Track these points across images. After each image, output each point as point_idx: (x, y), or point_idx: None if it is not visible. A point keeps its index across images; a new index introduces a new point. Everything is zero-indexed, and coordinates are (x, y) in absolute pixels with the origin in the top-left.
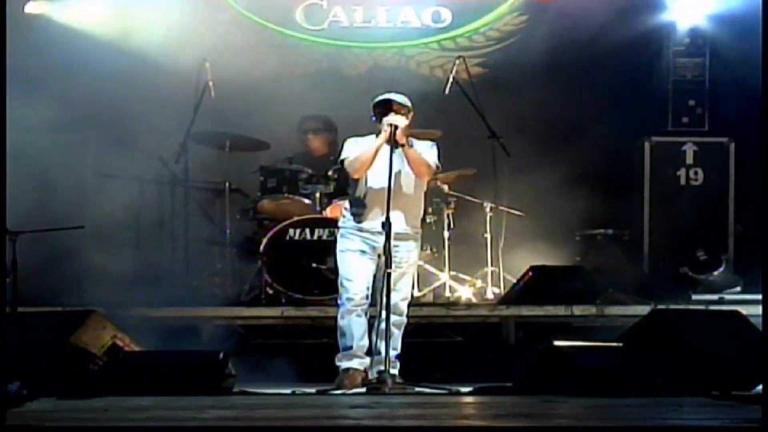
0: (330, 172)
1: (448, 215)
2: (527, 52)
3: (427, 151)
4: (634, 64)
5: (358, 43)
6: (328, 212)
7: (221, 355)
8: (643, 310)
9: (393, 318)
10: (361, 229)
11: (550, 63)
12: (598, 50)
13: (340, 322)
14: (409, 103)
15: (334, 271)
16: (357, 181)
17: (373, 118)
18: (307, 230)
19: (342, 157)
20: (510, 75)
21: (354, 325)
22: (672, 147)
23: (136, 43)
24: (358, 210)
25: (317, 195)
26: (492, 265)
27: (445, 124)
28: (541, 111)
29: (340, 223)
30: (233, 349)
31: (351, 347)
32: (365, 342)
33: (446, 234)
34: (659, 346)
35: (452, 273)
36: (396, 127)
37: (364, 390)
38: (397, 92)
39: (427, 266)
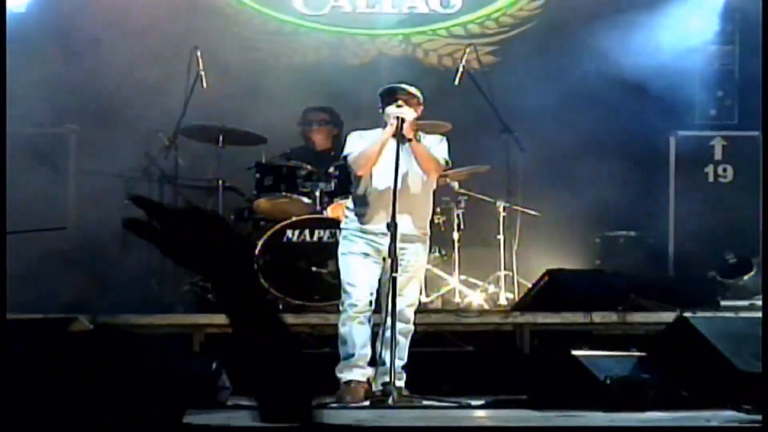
0: (331, 169)
1: (458, 215)
2: (543, 40)
3: (436, 146)
4: (659, 53)
5: (361, 30)
6: (330, 212)
7: (214, 366)
8: (668, 317)
9: (399, 326)
10: (364, 231)
11: (568, 51)
12: (620, 39)
13: (341, 329)
14: (419, 95)
15: (336, 275)
16: (361, 178)
17: (380, 110)
18: (307, 231)
19: (345, 152)
20: (525, 64)
21: (356, 332)
22: (699, 142)
23: (120, 30)
24: (362, 210)
25: (317, 193)
26: (505, 268)
27: (455, 117)
28: (558, 103)
29: (342, 224)
30: (227, 359)
31: (352, 355)
32: (368, 351)
33: (456, 235)
34: (685, 355)
35: (462, 277)
36: (403, 120)
37: (367, 403)
38: (406, 83)
39: (436, 270)
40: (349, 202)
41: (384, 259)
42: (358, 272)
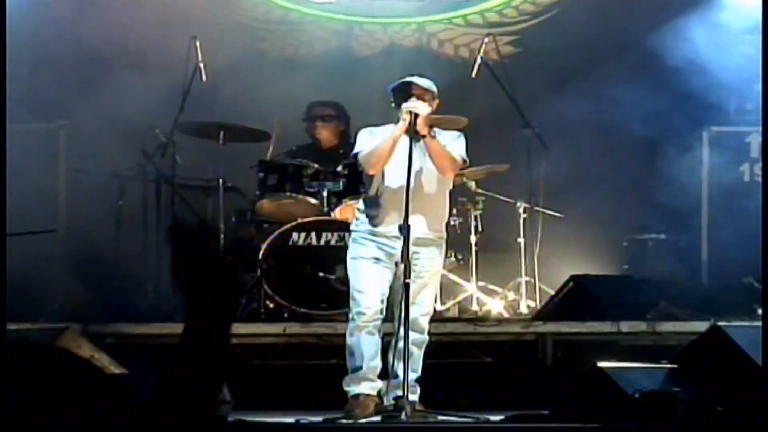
0: (339, 168)
1: (475, 217)
2: (567, 29)
3: (452, 142)
4: (690, 42)
5: (372, 19)
6: (338, 213)
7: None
8: (701, 326)
9: (412, 336)
10: (376, 233)
11: (594, 41)
12: (650, 27)
13: (349, 339)
14: (434, 88)
15: (345, 281)
16: (372, 177)
17: (392, 105)
18: (313, 234)
19: (355, 150)
20: (547, 55)
21: (364, 342)
22: (734, 138)
23: (113, 19)
24: (373, 211)
25: (325, 194)
26: (526, 274)
27: (472, 111)
28: (582, 96)
29: (352, 227)
30: (228, 371)
31: (360, 368)
32: (377, 362)
33: (473, 238)
34: (720, 367)
35: (480, 284)
36: (416, 116)
37: (378, 419)
38: (419, 75)
39: (452, 276)
40: (361, 204)
41: (396, 264)
42: (368, 278)
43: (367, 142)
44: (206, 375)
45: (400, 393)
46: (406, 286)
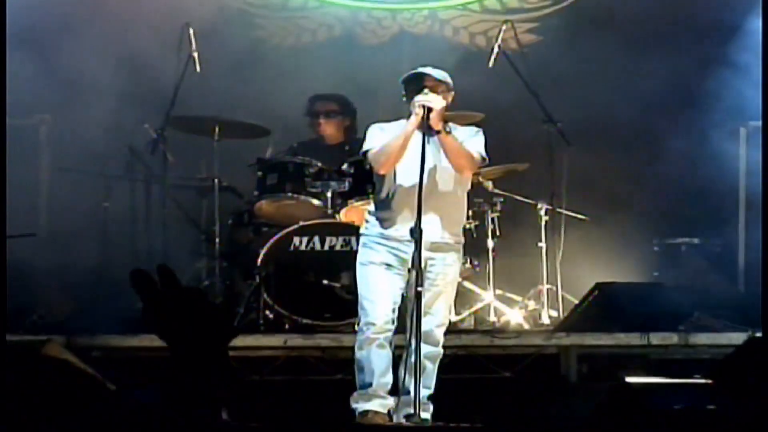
0: (345, 166)
1: (492, 220)
2: (592, 16)
3: (470, 139)
4: (727, 30)
5: (380, 5)
6: (343, 216)
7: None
8: (738, 338)
9: (425, 349)
10: (387, 237)
11: (621, 29)
12: (681, 14)
13: (358, 353)
14: (448, 80)
15: (350, 289)
16: (383, 177)
17: (404, 98)
18: (317, 238)
19: (365, 148)
20: (570, 44)
21: (374, 356)
22: None
23: (99, 3)
24: (384, 213)
25: (329, 194)
26: (548, 281)
27: (489, 105)
28: (608, 89)
29: (362, 230)
30: (223, 387)
31: (370, 384)
32: (388, 378)
33: (491, 243)
34: (759, 382)
35: (498, 292)
36: (430, 110)
37: None
38: (432, 66)
39: (467, 284)
40: (371, 205)
41: (409, 270)
42: (378, 285)
43: (377, 138)
44: (204, 393)
45: (411, 411)
46: (418, 295)
